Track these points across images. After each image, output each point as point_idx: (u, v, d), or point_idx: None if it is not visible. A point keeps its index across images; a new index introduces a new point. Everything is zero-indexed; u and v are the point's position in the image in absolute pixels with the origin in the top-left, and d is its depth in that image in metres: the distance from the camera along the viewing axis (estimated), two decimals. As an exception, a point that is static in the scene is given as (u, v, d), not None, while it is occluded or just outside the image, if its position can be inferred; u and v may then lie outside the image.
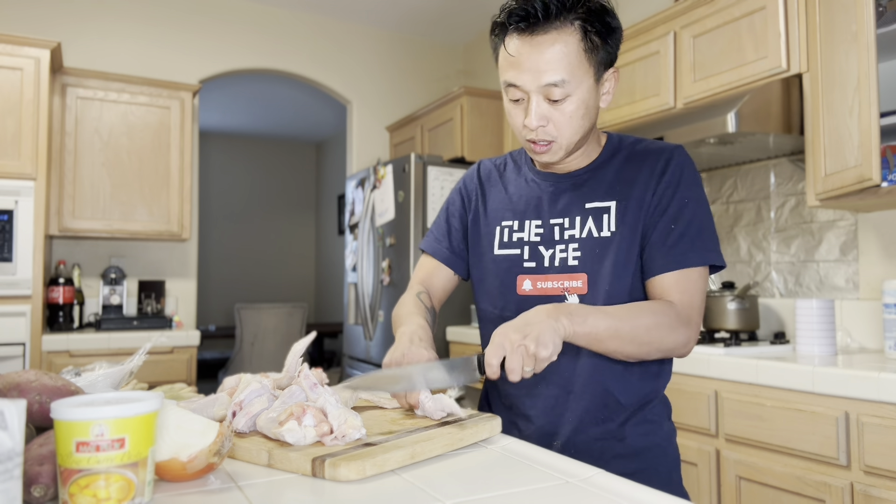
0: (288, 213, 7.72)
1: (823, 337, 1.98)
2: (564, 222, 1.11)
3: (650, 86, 2.59)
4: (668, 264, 1.04)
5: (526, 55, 1.00)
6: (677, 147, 1.11)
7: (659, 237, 1.05)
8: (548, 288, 1.10)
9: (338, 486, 0.71)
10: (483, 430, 0.91)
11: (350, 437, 0.81)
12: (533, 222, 1.14)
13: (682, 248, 1.04)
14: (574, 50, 1.00)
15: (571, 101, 1.02)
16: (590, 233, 1.08)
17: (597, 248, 1.07)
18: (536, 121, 1.02)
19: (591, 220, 1.09)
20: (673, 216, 1.06)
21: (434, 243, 1.27)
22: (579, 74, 1.01)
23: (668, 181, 1.07)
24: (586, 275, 1.07)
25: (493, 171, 1.25)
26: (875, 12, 1.72)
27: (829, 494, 1.66)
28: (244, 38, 4.11)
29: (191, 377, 3.34)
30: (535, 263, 1.11)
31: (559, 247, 1.10)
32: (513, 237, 1.15)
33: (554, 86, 1.00)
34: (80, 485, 0.57)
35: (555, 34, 0.99)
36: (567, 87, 1.00)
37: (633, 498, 0.67)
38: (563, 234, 1.10)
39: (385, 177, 3.51)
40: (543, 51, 0.99)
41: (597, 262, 1.07)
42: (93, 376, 0.86)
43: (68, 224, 3.29)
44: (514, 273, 1.13)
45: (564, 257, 1.09)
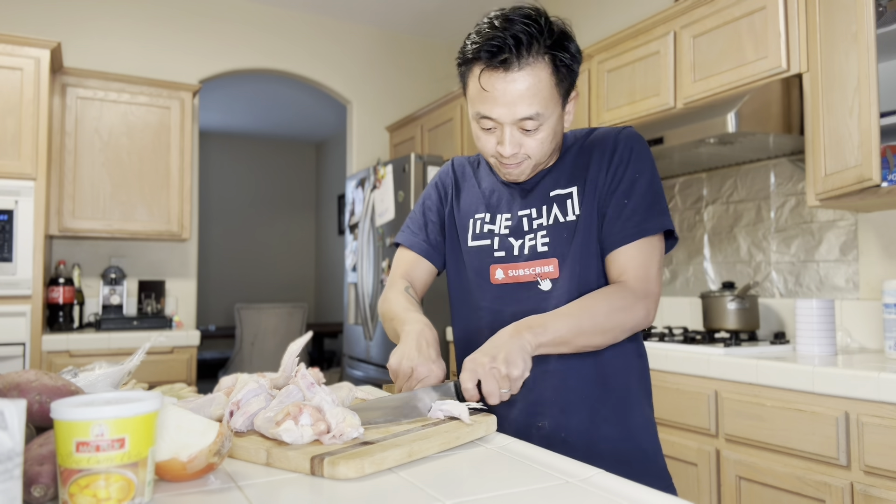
0: (288, 213, 7.72)
1: (823, 337, 1.98)
2: (532, 212, 1.15)
3: (650, 86, 2.59)
4: (625, 237, 1.08)
5: (500, 91, 1.02)
6: (625, 128, 1.16)
7: (614, 213, 1.09)
8: (519, 276, 1.14)
9: (338, 485, 0.71)
10: (479, 429, 0.91)
11: (348, 435, 0.81)
12: (503, 216, 1.18)
13: (636, 220, 1.08)
14: (546, 84, 1.03)
15: (543, 128, 1.06)
16: (556, 218, 1.13)
17: (563, 231, 1.12)
18: (511, 149, 1.06)
19: (556, 206, 1.13)
20: (625, 191, 1.10)
21: (411, 237, 1.29)
22: (551, 106, 1.05)
23: (619, 159, 1.11)
24: (557, 259, 1.11)
25: (466, 167, 1.29)
26: (875, 12, 1.72)
27: (829, 494, 1.66)
28: (244, 38, 4.11)
29: (191, 377, 3.34)
30: (505, 253, 1.16)
31: (528, 236, 1.14)
32: (484, 228, 1.20)
33: (529, 119, 1.04)
34: (80, 485, 0.57)
35: (528, 70, 1.02)
36: (540, 119, 1.04)
37: (633, 498, 0.67)
38: (532, 224, 1.15)
39: (385, 177, 3.51)
40: (517, 86, 1.02)
41: (565, 245, 1.11)
42: (92, 376, 0.86)
43: (68, 224, 3.29)
44: (487, 263, 1.18)
45: (533, 244, 1.13)
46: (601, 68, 2.84)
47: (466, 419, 0.92)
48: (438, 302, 3.39)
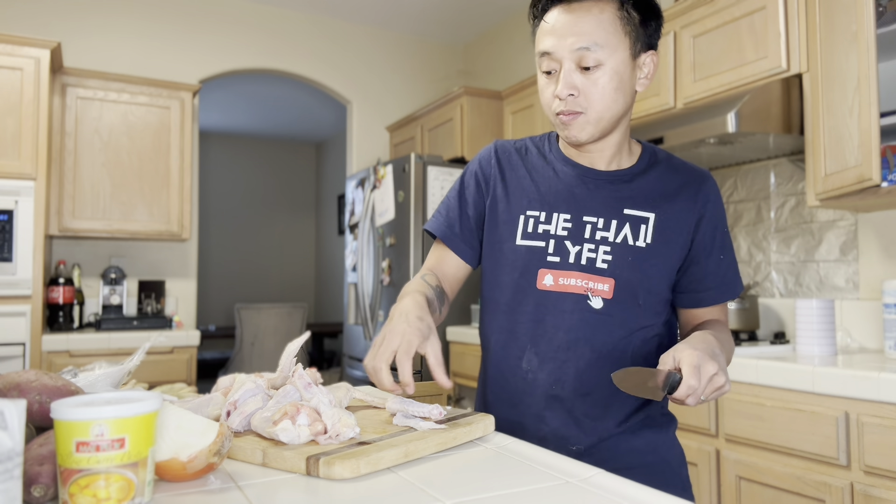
0: (288, 213, 7.72)
1: (823, 337, 1.98)
2: (598, 222, 1.07)
3: (650, 86, 2.58)
4: (724, 294, 1.12)
5: (561, 22, 1.00)
6: (709, 174, 1.14)
7: (713, 267, 1.10)
8: (570, 285, 1.06)
9: (338, 485, 0.71)
10: (476, 430, 0.91)
11: (344, 435, 0.81)
12: (562, 216, 1.09)
13: (730, 278, 1.12)
14: (609, 17, 0.99)
15: (604, 70, 1.00)
16: (625, 239, 1.06)
17: (629, 255, 1.05)
18: (567, 89, 1.00)
19: (629, 226, 1.06)
20: (721, 247, 1.11)
21: (445, 228, 1.18)
22: (613, 42, 0.99)
23: (714, 211, 1.10)
24: (614, 280, 1.05)
25: (513, 154, 1.18)
26: (875, 12, 1.72)
27: (829, 494, 1.66)
28: (244, 38, 4.11)
29: (191, 377, 3.34)
30: (560, 258, 1.07)
31: (588, 245, 1.06)
32: (538, 228, 1.09)
33: (586, 49, 0.98)
34: (80, 485, 0.57)
35: (591, 2, 1.00)
36: (599, 54, 0.99)
37: (633, 498, 0.67)
38: (595, 234, 1.07)
39: (385, 177, 3.51)
40: (579, 17, 0.99)
41: (627, 269, 1.05)
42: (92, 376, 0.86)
43: (68, 224, 3.29)
44: (536, 266, 1.08)
45: (593, 258, 1.06)
46: (601, 68, 2.84)
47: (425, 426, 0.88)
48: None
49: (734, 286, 1.12)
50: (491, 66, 4.41)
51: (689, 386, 0.86)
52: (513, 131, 3.59)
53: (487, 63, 4.45)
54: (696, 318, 1.13)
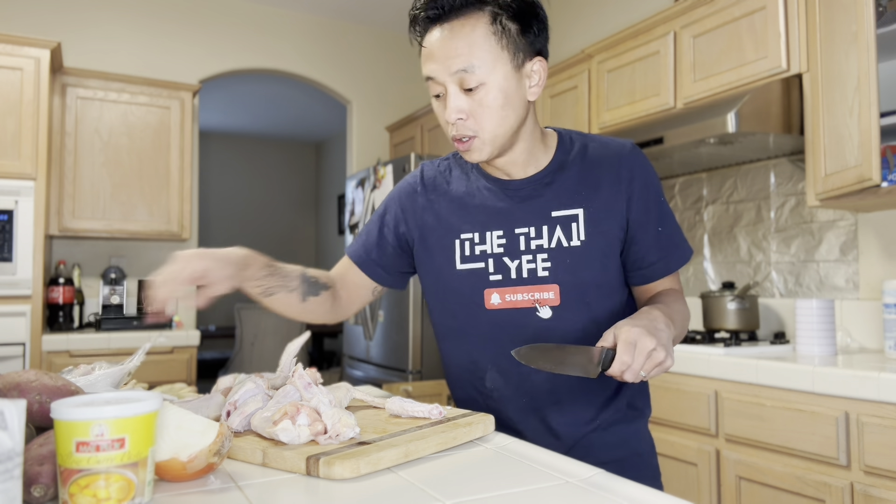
0: (288, 213, 7.72)
1: (823, 337, 1.98)
2: (530, 231, 1.06)
3: (650, 86, 2.59)
4: (670, 265, 1.10)
5: (437, 44, 0.98)
6: (630, 145, 1.10)
7: (653, 241, 1.07)
8: (518, 301, 1.06)
9: (340, 485, 0.71)
10: (476, 429, 0.91)
11: (344, 435, 0.81)
12: (495, 233, 1.08)
13: (674, 246, 1.10)
14: (482, 34, 0.97)
15: (487, 89, 0.97)
16: (559, 242, 1.05)
17: (567, 257, 1.04)
18: (454, 114, 0.98)
19: (559, 228, 1.05)
20: (657, 218, 1.08)
21: (362, 252, 1.19)
22: (489, 59, 0.97)
23: (641, 185, 1.06)
24: (558, 286, 1.04)
25: (438, 178, 1.17)
26: (875, 12, 1.72)
27: (829, 494, 1.66)
28: (244, 38, 4.11)
29: (191, 377, 3.34)
30: (502, 276, 1.07)
31: (525, 257, 1.06)
32: (475, 250, 1.09)
33: (464, 71, 0.96)
34: (80, 485, 0.57)
35: (462, 20, 0.97)
36: (479, 74, 0.96)
37: (633, 498, 0.67)
38: (530, 244, 1.06)
39: (385, 177, 3.51)
40: (452, 36, 0.97)
41: (569, 272, 1.04)
42: (92, 377, 0.86)
43: (68, 224, 3.29)
44: (480, 287, 1.08)
45: (533, 268, 1.05)
46: (601, 68, 2.84)
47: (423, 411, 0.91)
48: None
49: (679, 253, 1.10)
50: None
51: (622, 362, 0.86)
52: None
53: (487, 63, 4.44)
54: (649, 291, 1.11)
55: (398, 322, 3.40)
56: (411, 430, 0.87)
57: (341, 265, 1.21)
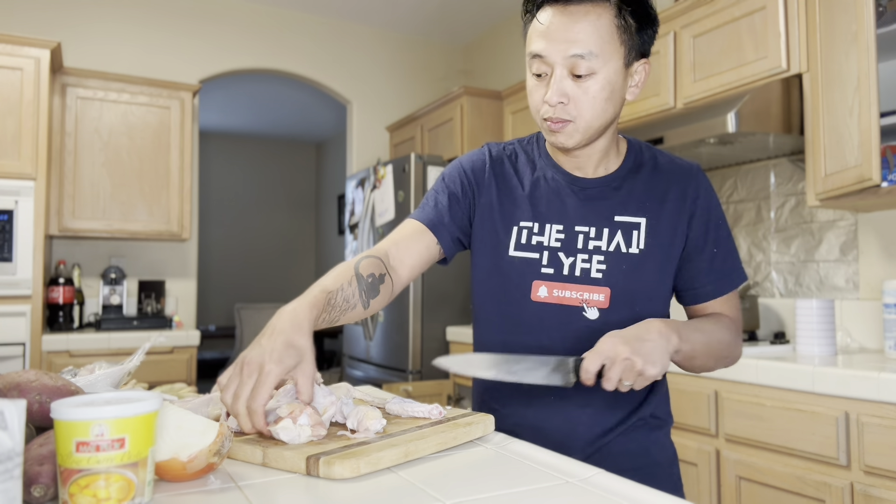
0: (288, 213, 7.72)
1: (823, 337, 1.98)
2: (590, 231, 1.06)
3: (650, 86, 2.59)
4: (721, 288, 1.09)
5: (556, 25, 0.96)
6: (699, 167, 1.12)
7: (706, 262, 1.08)
8: (565, 297, 1.05)
9: (340, 485, 0.71)
10: (476, 429, 0.91)
11: (372, 428, 0.83)
12: (554, 227, 1.07)
13: (727, 271, 1.09)
14: (606, 24, 0.96)
15: (597, 79, 0.97)
16: (618, 247, 1.05)
17: (624, 263, 1.04)
18: (556, 96, 0.97)
19: (620, 234, 1.05)
20: (714, 240, 1.08)
21: (434, 217, 1.11)
22: (608, 51, 0.96)
23: (704, 205, 1.08)
24: (609, 289, 1.04)
25: (505, 162, 1.14)
26: (875, 12, 1.72)
27: (829, 494, 1.66)
28: (244, 38, 4.11)
29: (191, 377, 3.34)
30: (554, 270, 1.06)
31: (581, 256, 1.05)
32: (532, 240, 1.08)
33: (580, 58, 0.95)
34: (80, 485, 0.57)
35: (588, 6, 0.96)
36: (594, 63, 0.96)
37: (633, 498, 0.67)
38: (588, 244, 1.06)
39: (385, 177, 3.51)
40: (575, 21, 0.95)
41: (622, 278, 1.04)
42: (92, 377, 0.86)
43: (68, 224, 3.29)
44: (530, 278, 1.07)
45: (587, 268, 1.05)
46: (601, 68, 2.84)
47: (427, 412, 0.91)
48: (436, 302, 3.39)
49: (731, 278, 1.10)
50: (491, 66, 4.41)
51: (584, 370, 0.89)
52: (513, 131, 3.59)
53: (487, 63, 4.45)
54: (698, 312, 1.12)
55: (398, 322, 3.40)
56: (411, 430, 0.86)
57: (400, 235, 1.11)
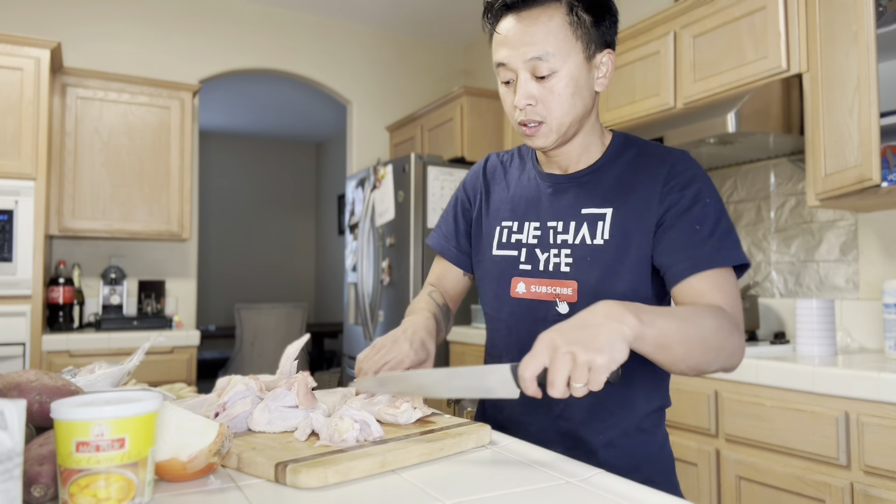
0: (288, 213, 7.71)
1: (823, 337, 1.98)
2: (558, 226, 1.08)
3: (650, 86, 2.59)
4: (699, 265, 0.95)
5: (513, 32, 1.00)
6: (680, 150, 1.06)
7: (685, 239, 0.97)
8: (540, 293, 1.08)
9: (340, 484, 0.71)
10: (467, 440, 0.87)
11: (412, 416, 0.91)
12: (532, 224, 1.11)
13: (713, 247, 0.96)
14: (559, 23, 0.99)
15: (559, 77, 1.00)
16: (583, 239, 1.05)
17: (588, 255, 1.04)
18: (524, 99, 1.00)
19: (586, 226, 1.05)
20: (696, 218, 0.98)
21: (443, 241, 1.26)
22: (565, 49, 0.99)
23: (680, 186, 1.00)
24: (576, 283, 1.04)
25: (497, 168, 1.22)
26: (875, 12, 1.72)
27: (829, 494, 1.66)
28: (244, 38, 4.11)
29: (191, 377, 3.34)
30: (531, 266, 1.10)
31: (553, 251, 1.08)
32: (511, 238, 1.13)
33: (539, 59, 0.98)
34: (80, 485, 0.57)
35: (539, 9, 0.99)
36: (553, 62, 0.99)
37: (633, 498, 0.67)
38: (557, 238, 1.08)
39: (385, 177, 3.51)
40: (528, 25, 0.99)
41: (587, 270, 1.03)
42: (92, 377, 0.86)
43: (68, 224, 3.29)
44: (509, 275, 1.12)
45: (557, 262, 1.07)
46: (601, 68, 2.84)
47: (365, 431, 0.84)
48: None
49: (716, 256, 0.95)
50: (491, 67, 4.40)
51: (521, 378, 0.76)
52: (512, 131, 3.59)
53: (487, 63, 4.44)
54: (687, 299, 0.97)
55: (398, 322, 3.38)
56: (398, 439, 0.83)
57: (433, 272, 1.28)
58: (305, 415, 0.89)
